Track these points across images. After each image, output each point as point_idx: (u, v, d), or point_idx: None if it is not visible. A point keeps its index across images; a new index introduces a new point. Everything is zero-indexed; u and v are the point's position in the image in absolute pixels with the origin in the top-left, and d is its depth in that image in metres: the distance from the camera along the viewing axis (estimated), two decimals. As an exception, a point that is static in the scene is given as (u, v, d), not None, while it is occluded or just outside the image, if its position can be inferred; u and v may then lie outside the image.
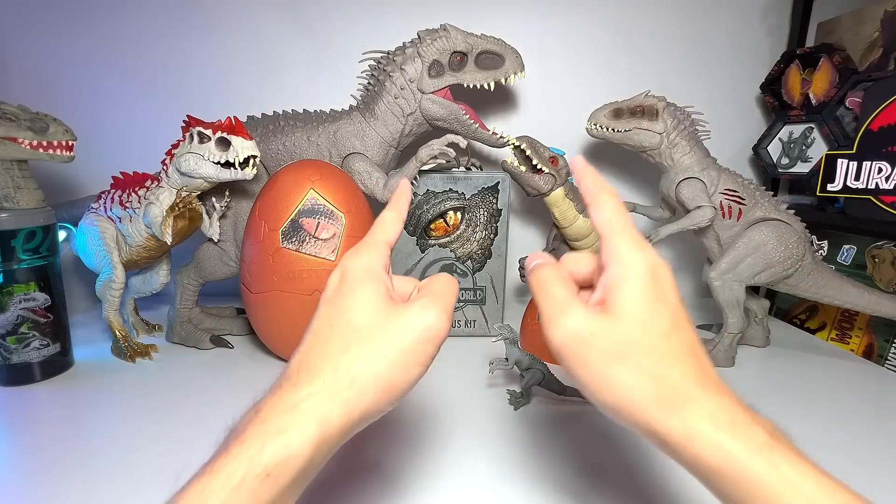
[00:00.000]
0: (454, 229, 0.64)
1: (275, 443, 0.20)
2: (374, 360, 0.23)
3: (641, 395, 0.22)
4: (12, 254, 0.49)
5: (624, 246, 0.24)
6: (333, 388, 0.22)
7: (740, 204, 0.60)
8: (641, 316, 0.22)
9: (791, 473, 0.19)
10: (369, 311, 0.24)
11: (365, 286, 0.25)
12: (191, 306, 0.64)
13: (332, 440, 0.22)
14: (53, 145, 0.51)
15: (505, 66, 0.61)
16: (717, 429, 0.20)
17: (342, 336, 0.23)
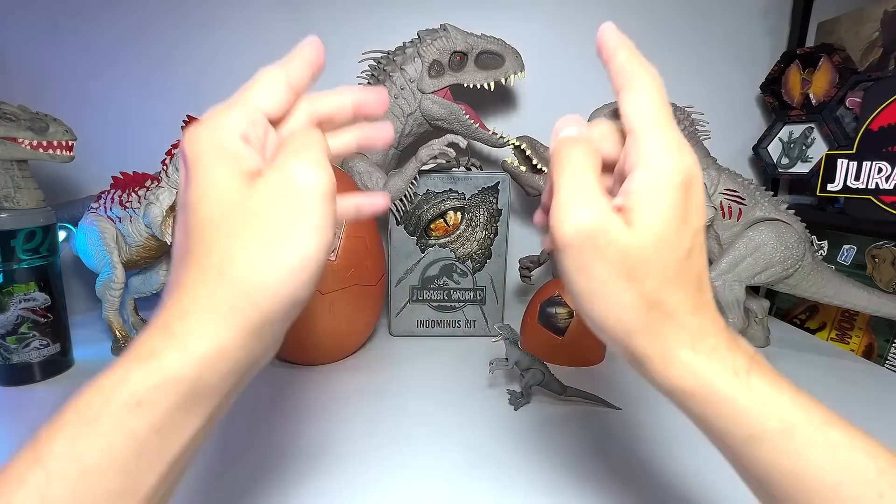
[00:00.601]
0: (454, 229, 0.64)
1: (142, 368, 0.17)
2: (248, 251, 0.18)
3: (632, 319, 0.20)
4: (12, 254, 0.49)
5: (657, 146, 0.19)
6: (209, 301, 0.18)
7: (740, 204, 0.60)
8: (663, 237, 0.19)
9: (765, 393, 0.19)
10: (224, 198, 0.19)
11: (210, 168, 0.19)
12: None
13: (230, 355, 0.18)
14: (53, 145, 0.51)
15: (505, 66, 0.61)
16: (696, 353, 0.20)
17: (203, 238, 0.19)
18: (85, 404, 0.18)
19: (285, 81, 0.22)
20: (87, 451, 0.17)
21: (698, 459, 0.39)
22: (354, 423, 0.44)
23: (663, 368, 0.20)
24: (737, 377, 0.19)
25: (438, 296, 0.65)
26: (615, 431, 0.43)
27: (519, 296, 0.84)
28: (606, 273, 0.19)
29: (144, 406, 0.17)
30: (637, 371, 0.22)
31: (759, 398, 0.19)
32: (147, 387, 0.17)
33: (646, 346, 0.20)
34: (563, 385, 0.47)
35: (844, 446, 0.18)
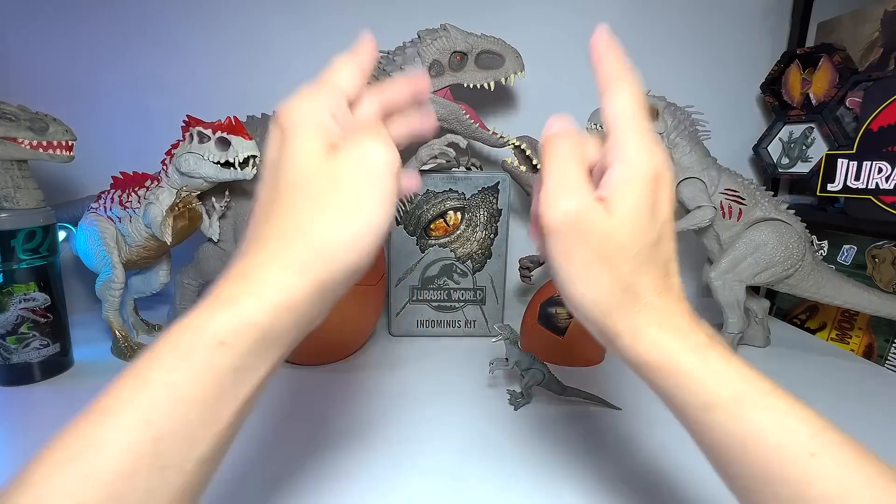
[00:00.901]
0: (454, 229, 0.64)
1: (224, 311, 0.19)
2: (325, 214, 0.21)
3: (609, 299, 0.22)
4: (12, 254, 0.49)
5: (633, 145, 0.22)
6: (286, 255, 0.20)
7: (740, 204, 0.60)
8: (636, 223, 0.22)
9: (719, 367, 0.21)
10: (310, 165, 0.21)
11: (302, 139, 0.22)
12: (191, 306, 0.64)
13: (298, 308, 0.20)
14: (53, 145, 0.51)
15: (505, 66, 0.61)
16: (661, 331, 0.22)
17: (287, 198, 0.21)
18: (177, 340, 0.19)
19: (359, 69, 0.26)
20: (181, 382, 0.19)
21: (698, 459, 0.38)
22: (354, 423, 0.44)
23: (633, 344, 0.22)
24: (696, 352, 0.22)
25: (438, 296, 0.65)
26: (615, 431, 0.43)
27: (519, 296, 0.84)
28: (588, 257, 0.22)
29: (226, 346, 0.19)
30: (608, 346, 0.24)
31: (714, 371, 0.21)
32: (228, 329, 0.19)
33: (618, 323, 0.22)
34: (563, 385, 0.47)
35: (784, 412, 0.20)
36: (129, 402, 0.18)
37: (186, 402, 0.19)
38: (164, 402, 0.18)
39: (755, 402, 0.21)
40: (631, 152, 0.22)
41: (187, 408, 0.19)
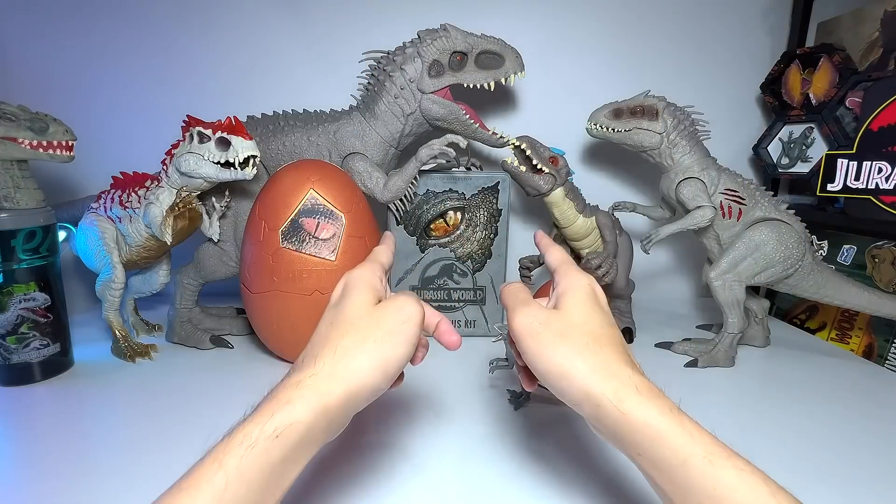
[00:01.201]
0: (454, 229, 0.64)
1: (282, 411, 0.25)
2: (364, 343, 0.28)
3: (581, 365, 0.27)
4: (12, 254, 0.49)
5: (572, 270, 0.33)
6: (331, 369, 0.27)
7: (740, 204, 0.60)
8: (583, 312, 0.30)
9: (692, 429, 0.25)
10: (361, 309, 0.30)
11: (360, 292, 0.31)
12: (191, 306, 0.64)
13: (333, 411, 0.26)
14: (53, 145, 0.51)
15: (505, 66, 0.61)
16: (640, 395, 0.26)
17: (339, 330, 0.29)
18: (247, 431, 0.24)
19: (391, 251, 0.37)
20: (248, 469, 0.23)
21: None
22: (353, 423, 0.44)
23: (619, 404, 0.26)
24: (671, 415, 0.25)
25: (438, 296, 0.66)
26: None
27: (519, 296, 0.84)
28: (551, 338, 0.28)
29: (280, 439, 0.24)
30: (595, 414, 0.27)
31: (689, 433, 0.24)
32: (285, 425, 0.24)
33: (599, 385, 0.26)
34: (563, 385, 0.47)
35: (748, 472, 0.23)
36: (208, 481, 0.22)
37: (249, 484, 0.23)
38: (233, 484, 0.22)
39: (723, 462, 0.23)
40: (571, 275, 0.32)
41: (248, 491, 0.23)
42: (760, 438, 0.42)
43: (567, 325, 0.29)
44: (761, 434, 0.43)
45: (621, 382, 0.26)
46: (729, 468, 0.23)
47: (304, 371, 0.27)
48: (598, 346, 0.28)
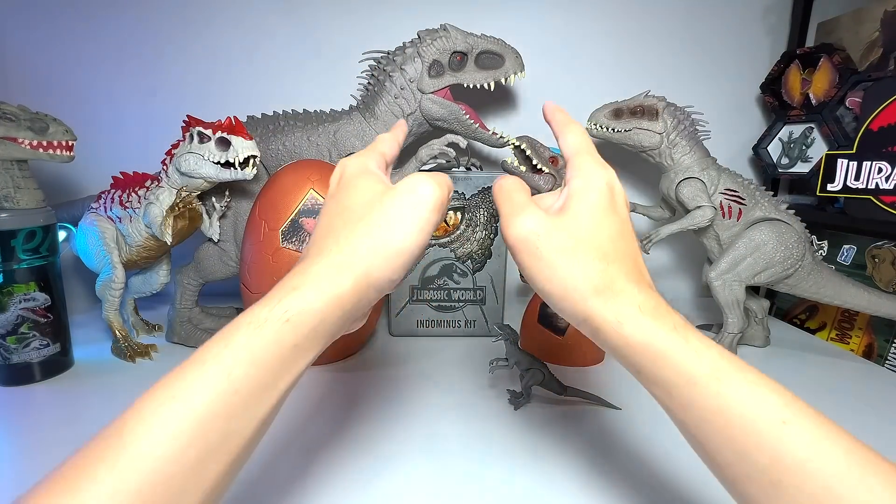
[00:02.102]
0: (454, 229, 0.64)
1: (291, 296, 0.23)
2: (373, 229, 0.25)
3: (584, 285, 0.25)
4: (12, 254, 0.49)
5: (588, 163, 0.27)
6: (339, 259, 0.25)
7: (740, 204, 0.60)
8: (595, 219, 0.26)
9: (699, 345, 0.23)
10: (366, 194, 0.27)
11: (361, 178, 0.28)
12: (191, 306, 0.64)
13: (346, 303, 0.24)
14: (53, 145, 0.51)
15: (505, 66, 0.61)
16: (643, 314, 0.24)
17: (344, 219, 0.26)
18: (255, 313, 0.23)
19: (396, 141, 0.33)
20: (255, 348, 0.22)
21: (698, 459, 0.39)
22: (354, 423, 0.44)
23: (618, 327, 0.24)
24: (676, 333, 0.23)
25: (438, 296, 0.66)
26: (615, 431, 0.43)
27: (519, 296, 0.84)
28: (553, 254, 0.25)
29: (290, 323, 0.23)
30: (593, 335, 0.25)
31: (694, 350, 0.23)
32: (294, 310, 0.23)
33: (601, 309, 0.24)
34: (563, 385, 0.47)
35: (757, 384, 0.22)
36: (217, 356, 0.21)
37: (258, 365, 0.22)
38: (242, 362, 0.21)
39: (732, 377, 0.22)
40: (586, 169, 0.27)
41: (258, 371, 0.22)
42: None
43: (571, 238, 0.25)
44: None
45: (624, 303, 0.24)
46: (737, 383, 0.22)
47: (312, 262, 0.25)
48: (604, 262, 0.25)
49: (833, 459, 0.20)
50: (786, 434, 0.20)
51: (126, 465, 0.18)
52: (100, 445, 0.19)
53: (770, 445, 0.20)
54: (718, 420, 0.22)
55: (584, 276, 0.25)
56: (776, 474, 0.20)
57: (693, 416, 0.23)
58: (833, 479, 0.19)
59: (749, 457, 0.21)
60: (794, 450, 0.20)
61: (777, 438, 0.20)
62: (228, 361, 0.21)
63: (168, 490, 0.19)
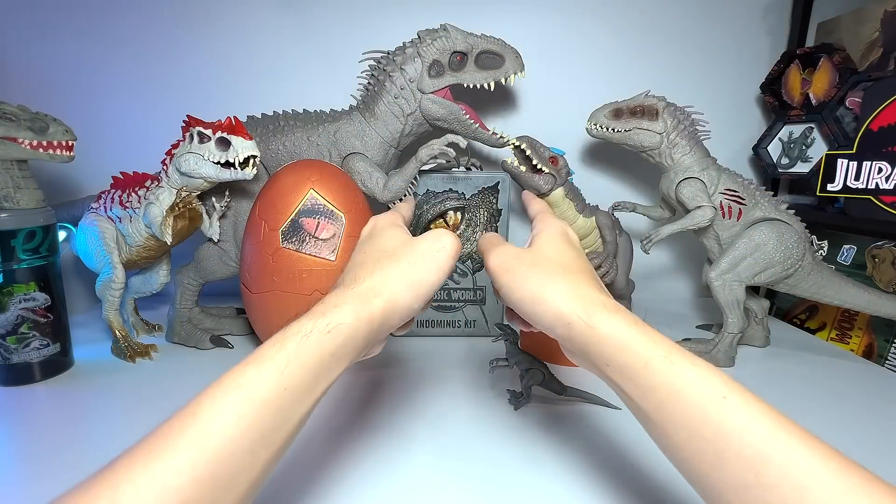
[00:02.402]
0: (454, 229, 0.64)
1: (332, 312, 0.28)
2: (400, 267, 0.31)
3: (552, 289, 0.29)
4: (12, 254, 0.49)
5: (547, 217, 0.37)
6: (370, 289, 0.30)
7: (740, 204, 0.60)
8: (554, 247, 0.33)
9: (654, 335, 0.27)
10: (396, 240, 0.33)
11: (392, 228, 0.35)
12: (191, 306, 0.64)
13: (374, 322, 0.29)
14: (53, 145, 0.51)
15: (505, 66, 0.61)
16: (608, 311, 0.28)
17: (376, 257, 0.32)
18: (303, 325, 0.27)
19: (411, 208, 0.43)
20: (303, 353, 0.25)
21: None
22: (354, 423, 0.44)
23: (587, 320, 0.28)
24: (636, 325, 0.27)
25: (438, 296, 0.65)
26: (615, 431, 0.43)
27: (519, 296, 0.84)
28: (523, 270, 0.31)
29: (330, 336, 0.27)
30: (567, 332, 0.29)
31: (651, 339, 0.27)
32: (334, 323, 0.27)
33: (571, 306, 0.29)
34: (563, 385, 0.47)
35: (701, 365, 0.26)
36: (273, 358, 0.25)
37: (304, 367, 0.25)
38: (292, 364, 0.25)
39: (681, 360, 0.26)
40: (546, 220, 0.36)
41: (304, 372, 0.25)
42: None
43: (539, 258, 0.32)
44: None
45: (590, 301, 0.29)
46: (686, 366, 0.25)
47: (347, 286, 0.30)
48: (568, 273, 0.30)
49: (765, 426, 0.22)
50: (725, 407, 0.23)
51: (202, 440, 0.21)
52: (177, 423, 0.22)
53: (714, 418, 0.23)
54: (672, 400, 0.25)
55: (553, 283, 0.30)
56: (721, 444, 0.23)
57: (653, 401, 0.26)
58: (766, 442, 0.22)
59: (698, 432, 0.24)
60: (734, 420, 0.23)
61: (720, 411, 0.23)
62: (282, 362, 0.25)
63: (230, 467, 0.22)
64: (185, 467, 0.20)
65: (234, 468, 0.22)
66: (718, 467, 0.23)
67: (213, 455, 0.21)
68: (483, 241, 0.36)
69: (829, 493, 0.20)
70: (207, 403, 0.23)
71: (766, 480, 0.21)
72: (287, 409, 0.24)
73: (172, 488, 0.20)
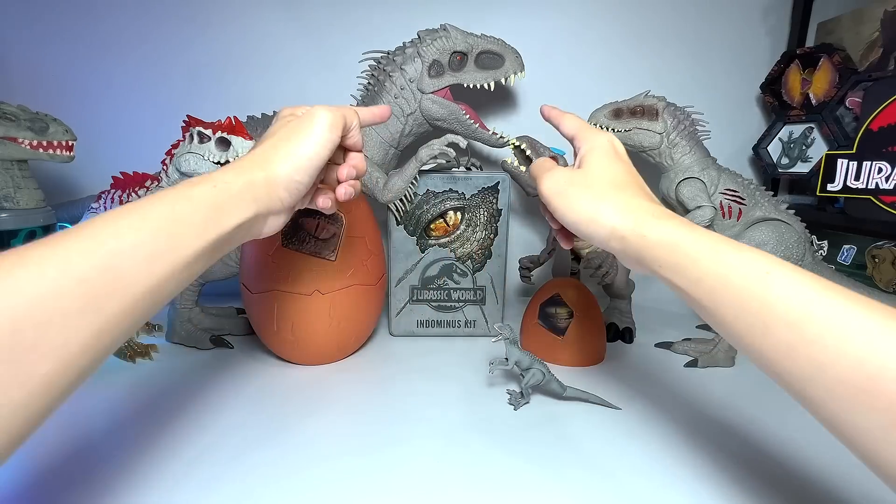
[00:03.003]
0: (454, 229, 0.64)
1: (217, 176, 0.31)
2: (275, 143, 0.34)
3: (605, 207, 0.32)
4: (12, 254, 0.49)
5: (589, 132, 0.36)
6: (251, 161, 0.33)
7: (740, 204, 0.60)
8: (603, 166, 0.34)
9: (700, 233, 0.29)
10: (286, 123, 0.36)
11: (292, 117, 0.36)
12: (191, 306, 0.64)
13: (257, 188, 0.32)
14: (53, 145, 0.51)
15: (505, 66, 0.61)
16: (656, 218, 0.30)
17: (264, 140, 0.35)
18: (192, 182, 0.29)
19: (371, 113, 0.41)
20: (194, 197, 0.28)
21: (697, 459, 0.39)
22: (354, 423, 0.44)
23: (639, 229, 0.30)
24: (683, 227, 0.30)
25: (438, 296, 0.66)
26: (615, 431, 0.43)
27: (519, 296, 0.84)
28: (576, 191, 0.33)
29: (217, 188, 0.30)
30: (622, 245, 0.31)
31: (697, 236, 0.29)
32: (220, 182, 0.30)
33: (623, 221, 0.31)
34: (563, 385, 0.47)
35: (744, 250, 0.27)
36: (163, 197, 0.27)
37: (194, 206, 0.28)
38: (192, 199, 0.28)
39: (725, 249, 0.28)
40: (588, 136, 0.36)
41: (197, 209, 0.28)
42: (761, 438, 0.42)
43: (590, 179, 0.33)
44: (761, 434, 0.43)
45: (641, 214, 0.31)
46: (732, 253, 0.27)
47: (242, 160, 0.33)
48: (618, 189, 0.32)
49: (805, 292, 0.24)
50: (768, 280, 0.25)
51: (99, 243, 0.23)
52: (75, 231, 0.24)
53: (759, 292, 0.25)
54: (721, 284, 0.27)
55: (605, 201, 0.32)
56: (766, 313, 0.25)
57: (704, 289, 0.28)
58: (807, 304, 0.23)
59: (746, 307, 0.26)
60: (777, 290, 0.25)
61: (763, 285, 0.25)
62: (173, 199, 0.27)
63: (121, 269, 0.23)
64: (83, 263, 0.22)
65: (127, 270, 0.24)
66: (766, 335, 0.25)
67: (110, 258, 0.23)
68: (535, 166, 0.37)
69: (867, 336, 0.21)
70: (110, 222, 0.25)
71: (808, 336, 0.23)
72: (178, 236, 0.27)
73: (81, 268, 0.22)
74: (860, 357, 0.21)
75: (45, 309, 0.21)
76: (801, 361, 0.24)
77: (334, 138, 0.35)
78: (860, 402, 0.21)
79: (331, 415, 0.46)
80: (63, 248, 0.22)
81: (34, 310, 0.20)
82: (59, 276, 0.21)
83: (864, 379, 0.21)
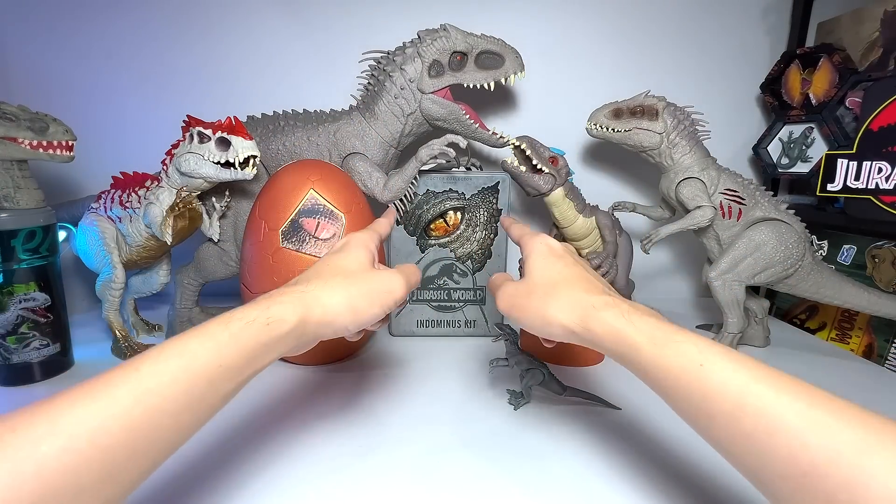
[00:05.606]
0: (454, 229, 0.64)
1: (276, 306, 0.30)
2: (348, 290, 0.33)
3: (552, 310, 0.33)
4: (12, 254, 0.49)
5: (527, 239, 0.38)
6: (316, 298, 0.32)
7: (740, 204, 0.60)
8: (541, 270, 0.36)
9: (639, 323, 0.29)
10: (356, 264, 0.36)
11: (359, 250, 0.37)
12: (191, 306, 0.64)
13: (308, 327, 0.31)
14: (53, 145, 0.51)
15: (505, 66, 0.61)
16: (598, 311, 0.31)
17: (331, 271, 0.35)
18: (247, 312, 0.29)
19: (390, 224, 0.44)
20: (244, 338, 0.28)
21: (697, 459, 0.39)
22: (354, 423, 0.44)
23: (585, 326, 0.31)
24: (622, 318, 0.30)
25: (438, 296, 0.66)
26: (615, 431, 0.43)
27: (519, 296, 0.84)
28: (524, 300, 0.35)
29: (269, 328, 0.29)
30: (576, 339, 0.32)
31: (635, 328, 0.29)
32: (276, 318, 0.29)
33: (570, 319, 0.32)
34: (563, 385, 0.47)
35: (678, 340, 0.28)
36: (214, 335, 0.27)
37: (239, 350, 0.27)
38: (230, 344, 0.27)
39: (663, 341, 0.28)
40: (527, 243, 0.38)
41: (238, 354, 0.27)
42: (760, 438, 0.42)
43: (531, 286, 0.35)
44: (761, 434, 0.43)
45: (584, 309, 0.31)
46: (668, 344, 0.28)
47: (297, 288, 0.32)
48: (560, 288, 0.33)
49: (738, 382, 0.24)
50: (703, 373, 0.26)
51: (139, 393, 0.23)
52: (119, 373, 0.23)
53: (696, 385, 0.26)
54: (662, 377, 0.28)
55: (550, 304, 0.33)
56: (706, 405, 0.25)
57: (651, 379, 0.29)
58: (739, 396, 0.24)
59: (689, 399, 0.26)
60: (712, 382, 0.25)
61: (699, 378, 0.26)
62: (222, 342, 0.27)
63: (155, 423, 0.23)
64: (119, 413, 0.22)
65: (158, 424, 0.23)
66: (710, 427, 0.26)
67: (145, 409, 0.23)
68: (490, 283, 0.40)
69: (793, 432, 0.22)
70: (150, 363, 0.24)
71: (745, 430, 0.24)
72: (216, 383, 0.26)
73: (105, 430, 0.21)
74: (792, 453, 0.22)
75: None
76: (744, 454, 0.24)
77: (392, 308, 0.36)
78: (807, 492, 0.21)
79: (331, 415, 0.46)
80: None
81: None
82: None
83: (799, 475, 0.21)
